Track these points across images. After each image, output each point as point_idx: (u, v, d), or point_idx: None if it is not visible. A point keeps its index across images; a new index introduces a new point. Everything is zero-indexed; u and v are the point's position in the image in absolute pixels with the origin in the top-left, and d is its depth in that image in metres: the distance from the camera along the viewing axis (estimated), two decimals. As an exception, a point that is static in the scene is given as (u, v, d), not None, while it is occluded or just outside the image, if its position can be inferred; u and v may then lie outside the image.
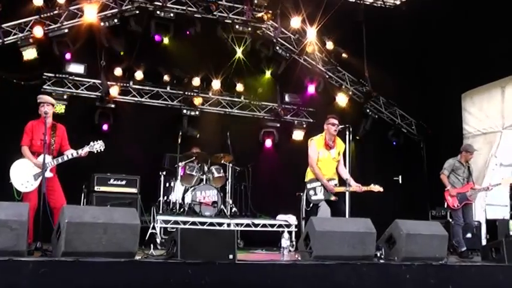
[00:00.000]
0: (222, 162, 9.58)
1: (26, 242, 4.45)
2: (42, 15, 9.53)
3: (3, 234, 4.21)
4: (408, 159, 12.05)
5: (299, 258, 5.64)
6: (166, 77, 10.82)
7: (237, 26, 10.85)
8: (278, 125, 11.68)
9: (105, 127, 10.19)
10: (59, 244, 4.44)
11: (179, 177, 9.12)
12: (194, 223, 8.22)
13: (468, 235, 8.80)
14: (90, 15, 9.69)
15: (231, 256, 4.78)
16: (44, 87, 9.86)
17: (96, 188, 8.79)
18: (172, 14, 10.44)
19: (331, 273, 5.05)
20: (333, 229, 5.47)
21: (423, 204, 11.03)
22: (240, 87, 11.34)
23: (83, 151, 6.22)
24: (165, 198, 9.17)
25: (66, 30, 9.70)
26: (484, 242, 9.40)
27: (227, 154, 9.54)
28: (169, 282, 4.38)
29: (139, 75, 10.56)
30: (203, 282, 4.45)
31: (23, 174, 6.00)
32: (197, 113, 11.00)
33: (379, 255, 5.81)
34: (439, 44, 11.40)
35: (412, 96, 12.19)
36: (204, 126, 10.98)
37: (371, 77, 11.53)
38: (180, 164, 9.21)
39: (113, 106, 10.34)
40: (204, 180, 9.13)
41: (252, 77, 11.30)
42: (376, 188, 6.70)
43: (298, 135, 11.72)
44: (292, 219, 8.80)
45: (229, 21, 11.02)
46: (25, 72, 9.51)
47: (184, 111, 10.88)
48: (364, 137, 11.90)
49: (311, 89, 11.68)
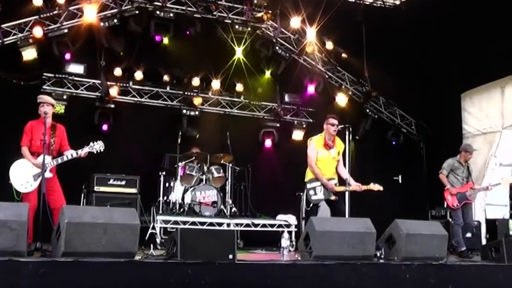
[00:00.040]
0: (222, 162, 9.59)
1: (26, 243, 4.45)
2: (41, 15, 9.52)
3: (3, 234, 4.21)
4: (408, 159, 12.05)
5: (299, 258, 5.64)
6: (166, 77, 10.82)
7: (237, 26, 10.85)
8: (278, 125, 11.68)
9: (104, 127, 10.18)
10: (59, 244, 4.43)
11: (179, 177, 9.13)
12: (194, 223, 8.22)
13: (468, 235, 8.80)
14: (89, 15, 9.69)
15: (231, 256, 4.78)
16: (44, 87, 9.85)
17: (95, 188, 8.79)
18: (172, 14, 10.45)
19: (331, 273, 5.04)
20: (333, 229, 5.47)
21: (423, 204, 11.03)
22: (240, 87, 11.34)
23: (83, 151, 6.22)
24: (165, 198, 9.17)
25: (65, 30, 9.70)
26: (484, 242, 9.39)
27: (227, 154, 9.54)
28: (169, 282, 4.38)
29: (139, 75, 10.55)
30: (203, 282, 4.45)
31: (23, 174, 6.00)
32: (197, 113, 10.99)
33: (378, 255, 5.81)
34: (439, 44, 11.41)
35: (412, 96, 12.20)
36: (204, 126, 10.98)
37: (371, 77, 11.54)
38: (180, 164, 9.21)
39: (113, 106, 10.34)
40: (204, 180, 9.13)
41: (252, 77, 11.27)
42: (376, 187, 6.68)
43: (298, 135, 11.71)
44: (292, 219, 8.80)
45: (228, 21, 11.02)
46: (25, 72, 9.50)
47: (184, 111, 10.87)
48: (363, 137, 11.89)
49: (311, 89, 11.68)
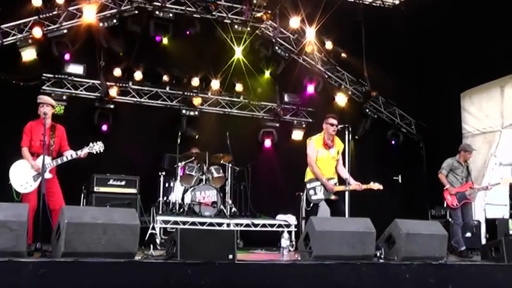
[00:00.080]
0: (222, 162, 9.58)
1: (26, 243, 4.45)
2: (41, 15, 9.51)
3: (2, 235, 4.21)
4: (408, 158, 12.05)
5: (299, 258, 5.64)
6: (165, 77, 10.81)
7: (236, 26, 10.86)
8: (277, 125, 11.67)
9: (104, 127, 10.18)
10: (59, 245, 4.43)
11: (179, 177, 9.12)
12: (194, 223, 8.22)
13: (467, 234, 8.80)
14: (89, 15, 9.69)
15: (231, 256, 4.78)
16: (43, 87, 9.85)
17: (95, 189, 8.78)
18: (171, 14, 10.46)
19: (330, 273, 5.04)
20: (333, 229, 5.46)
21: (423, 203, 11.03)
22: (239, 87, 11.33)
23: (82, 152, 6.22)
24: (165, 198, 9.17)
25: (65, 30, 9.70)
26: (484, 242, 9.40)
27: (226, 154, 9.54)
28: (169, 282, 4.37)
29: (138, 75, 10.55)
30: (203, 282, 4.45)
31: (22, 175, 6.00)
32: (196, 113, 10.99)
33: (378, 254, 5.80)
34: (438, 44, 11.41)
35: (412, 96, 12.20)
36: (204, 126, 10.96)
37: (370, 77, 11.54)
38: (180, 164, 9.21)
39: (112, 107, 10.33)
40: (204, 180, 9.13)
41: (251, 77, 11.26)
42: (375, 186, 6.68)
43: (297, 135, 11.71)
44: (291, 219, 8.80)
45: (228, 21, 11.03)
46: (24, 73, 9.50)
47: (183, 111, 10.86)
48: (363, 137, 11.90)
49: (310, 89, 11.68)
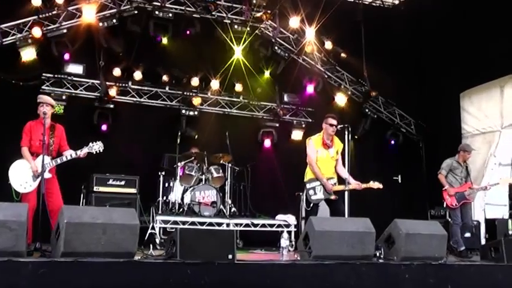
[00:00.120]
0: (221, 162, 9.58)
1: (25, 243, 4.45)
2: (40, 15, 9.51)
3: (2, 234, 4.20)
4: (407, 158, 12.05)
5: (298, 258, 5.64)
6: (165, 77, 10.81)
7: (236, 26, 10.86)
8: (277, 125, 11.68)
9: (104, 127, 10.18)
10: (58, 244, 4.43)
11: (178, 177, 9.12)
12: (193, 223, 8.21)
13: (466, 234, 8.79)
14: (88, 15, 9.68)
15: (230, 256, 4.77)
16: (43, 87, 9.85)
17: (95, 188, 8.78)
18: (171, 14, 10.47)
19: (330, 273, 5.04)
20: (332, 229, 5.46)
21: (422, 203, 11.03)
22: (239, 87, 11.33)
23: (82, 152, 6.22)
24: (164, 198, 9.17)
25: (64, 30, 9.70)
26: (483, 242, 9.39)
27: (226, 154, 9.54)
28: (168, 282, 4.37)
29: (138, 75, 10.55)
30: (202, 282, 4.44)
31: (22, 175, 6.01)
32: (196, 113, 10.99)
33: (378, 254, 5.80)
34: (438, 44, 11.41)
35: (411, 95, 12.21)
36: (203, 126, 10.94)
37: (370, 77, 11.54)
38: (179, 164, 9.21)
39: (112, 106, 10.34)
40: (203, 180, 9.12)
41: (251, 77, 11.25)
42: (375, 185, 6.67)
43: (297, 135, 11.71)
44: (291, 219, 8.79)
45: (228, 21, 11.03)
46: (24, 72, 9.50)
47: (183, 111, 10.86)
48: (363, 137, 11.89)
49: (310, 89, 11.68)
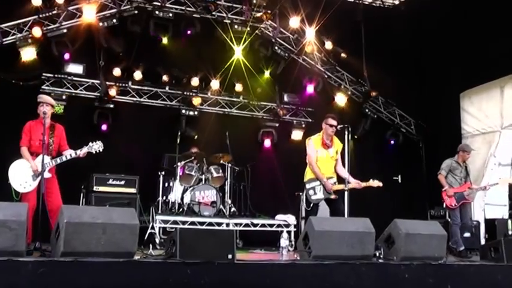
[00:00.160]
0: (221, 162, 9.57)
1: (25, 242, 4.45)
2: (40, 15, 9.51)
3: (2, 234, 4.20)
4: (407, 159, 12.05)
5: (298, 258, 5.63)
6: (165, 77, 10.80)
7: (236, 26, 10.87)
8: (277, 125, 11.68)
9: (104, 127, 10.17)
10: (58, 244, 4.43)
11: (178, 177, 9.12)
12: (193, 223, 8.22)
13: (466, 234, 8.78)
14: (88, 15, 9.69)
15: (230, 256, 4.78)
16: (43, 87, 9.84)
17: (95, 188, 8.79)
18: (171, 14, 10.48)
19: (330, 273, 5.04)
20: (332, 229, 5.46)
21: (422, 203, 11.04)
22: (239, 87, 11.33)
23: (82, 152, 6.22)
24: (164, 198, 9.17)
25: (64, 30, 9.71)
26: (483, 242, 9.39)
27: (226, 154, 9.54)
28: (168, 282, 4.37)
29: (138, 75, 10.54)
30: (202, 282, 4.44)
31: (22, 174, 6.00)
32: (196, 113, 10.99)
33: (378, 254, 5.80)
34: (438, 44, 11.41)
35: (411, 96, 12.20)
36: (203, 126, 10.93)
37: (370, 77, 11.54)
38: (179, 164, 9.21)
39: (112, 106, 10.34)
40: (203, 180, 9.12)
41: (251, 77, 11.24)
42: (375, 184, 6.66)
43: (297, 135, 11.70)
44: (291, 219, 8.80)
45: (228, 21, 11.03)
46: (24, 72, 9.50)
47: (183, 111, 10.85)
48: (363, 137, 11.89)
49: (310, 89, 11.67)
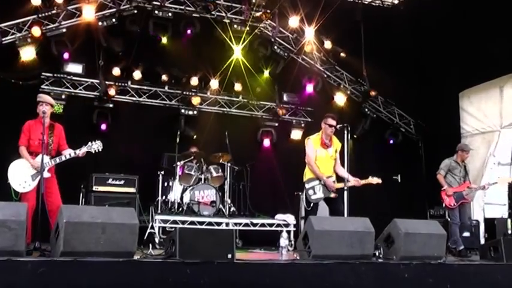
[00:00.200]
0: (221, 161, 9.57)
1: (25, 242, 4.45)
2: (40, 14, 9.51)
3: (1, 234, 4.20)
4: (406, 158, 12.05)
5: (298, 257, 5.63)
6: (164, 77, 10.81)
7: (235, 26, 10.86)
8: (276, 125, 11.69)
9: (103, 127, 10.18)
10: (58, 244, 4.43)
11: (177, 176, 9.12)
12: (193, 222, 8.21)
13: (465, 234, 8.81)
14: (88, 14, 9.68)
15: (230, 255, 4.77)
16: (42, 87, 9.84)
17: (94, 188, 8.80)
18: (170, 14, 10.48)
19: (329, 272, 5.04)
20: (332, 228, 5.46)
21: (421, 203, 11.04)
22: (238, 86, 11.33)
23: (81, 151, 6.23)
24: (164, 197, 9.17)
25: (64, 29, 9.70)
26: (483, 241, 9.40)
27: (225, 153, 9.54)
28: (167, 281, 4.37)
29: (137, 74, 10.54)
30: (202, 281, 4.44)
31: (21, 174, 6.00)
32: (195, 113, 11.00)
33: (377, 254, 5.80)
34: (437, 43, 11.39)
35: (410, 95, 12.19)
36: (202, 125, 10.93)
37: (369, 77, 11.55)
38: (179, 164, 9.21)
39: (111, 106, 10.34)
40: (203, 179, 9.12)
41: (250, 77, 11.24)
42: (374, 180, 6.67)
43: (296, 134, 11.71)
44: (290, 218, 8.80)
45: (227, 20, 11.03)
46: (23, 72, 9.50)
47: (182, 110, 10.86)
48: (362, 136, 11.90)
49: (309, 89, 11.67)
